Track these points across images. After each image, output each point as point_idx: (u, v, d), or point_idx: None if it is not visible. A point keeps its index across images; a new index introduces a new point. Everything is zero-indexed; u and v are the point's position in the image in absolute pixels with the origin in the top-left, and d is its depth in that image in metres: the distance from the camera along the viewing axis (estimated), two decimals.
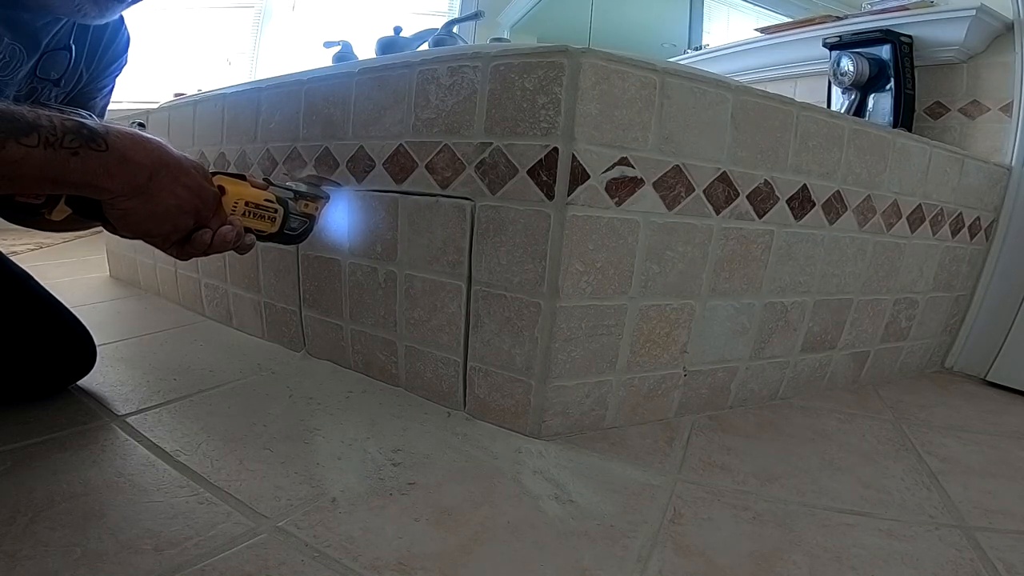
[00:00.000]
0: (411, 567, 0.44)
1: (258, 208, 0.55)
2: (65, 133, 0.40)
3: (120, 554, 0.42)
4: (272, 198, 0.56)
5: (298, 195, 0.59)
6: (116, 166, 0.43)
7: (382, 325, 0.79)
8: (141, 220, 0.46)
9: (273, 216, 0.56)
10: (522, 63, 0.61)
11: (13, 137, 0.38)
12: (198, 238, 0.50)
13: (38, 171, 0.39)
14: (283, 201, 0.57)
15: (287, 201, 0.57)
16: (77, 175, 0.41)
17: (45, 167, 0.39)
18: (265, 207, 0.55)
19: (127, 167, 0.43)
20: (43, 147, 0.39)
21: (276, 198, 0.56)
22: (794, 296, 0.82)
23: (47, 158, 0.39)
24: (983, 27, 1.12)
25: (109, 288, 1.32)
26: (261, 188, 0.55)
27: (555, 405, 0.67)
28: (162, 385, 0.75)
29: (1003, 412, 0.93)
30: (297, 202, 0.58)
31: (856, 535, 0.54)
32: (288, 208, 0.57)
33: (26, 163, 0.38)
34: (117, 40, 0.68)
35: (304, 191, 0.60)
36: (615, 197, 0.63)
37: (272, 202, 0.56)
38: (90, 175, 0.42)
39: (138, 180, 0.44)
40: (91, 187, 0.42)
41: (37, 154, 0.39)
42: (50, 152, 0.39)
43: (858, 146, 0.82)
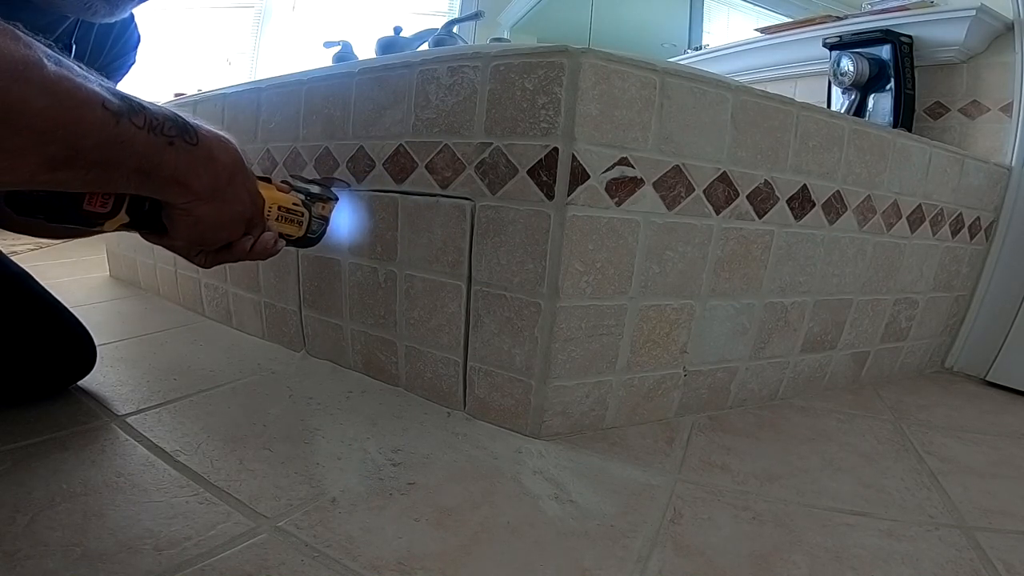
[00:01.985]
0: (411, 567, 0.44)
1: (289, 212, 0.54)
2: (165, 120, 0.36)
3: (120, 554, 0.42)
4: (299, 202, 0.55)
5: (314, 197, 0.58)
6: (203, 164, 0.39)
7: (382, 325, 0.79)
8: (208, 227, 0.43)
9: (300, 220, 0.55)
10: (522, 63, 0.61)
11: (128, 115, 0.34)
12: (239, 245, 0.47)
13: (138, 158, 0.35)
14: (307, 204, 0.56)
15: (309, 204, 0.57)
16: (169, 168, 0.37)
17: (145, 154, 0.36)
18: (294, 211, 0.54)
19: (213, 167, 0.40)
20: (147, 131, 0.35)
21: (302, 201, 0.56)
22: (794, 296, 0.82)
23: (148, 144, 0.35)
24: (983, 27, 1.12)
25: (109, 288, 1.32)
26: (286, 191, 0.54)
27: (555, 405, 0.67)
28: (162, 385, 0.75)
29: (1003, 412, 0.93)
30: (315, 205, 0.57)
31: (856, 535, 0.54)
32: (311, 211, 0.57)
33: (131, 146, 0.34)
34: (124, 39, 0.67)
35: (319, 193, 0.59)
36: (615, 197, 0.63)
37: (299, 206, 0.55)
38: (180, 170, 0.38)
39: (220, 182, 0.41)
40: (177, 185, 0.39)
41: (141, 138, 0.35)
42: (152, 137, 0.36)
43: (858, 146, 0.82)
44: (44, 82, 0.29)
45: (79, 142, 0.32)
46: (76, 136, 0.31)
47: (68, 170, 0.32)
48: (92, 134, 0.32)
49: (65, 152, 0.31)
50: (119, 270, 1.41)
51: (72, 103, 0.31)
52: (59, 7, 0.51)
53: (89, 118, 0.32)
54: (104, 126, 0.32)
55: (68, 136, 0.31)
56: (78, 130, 0.31)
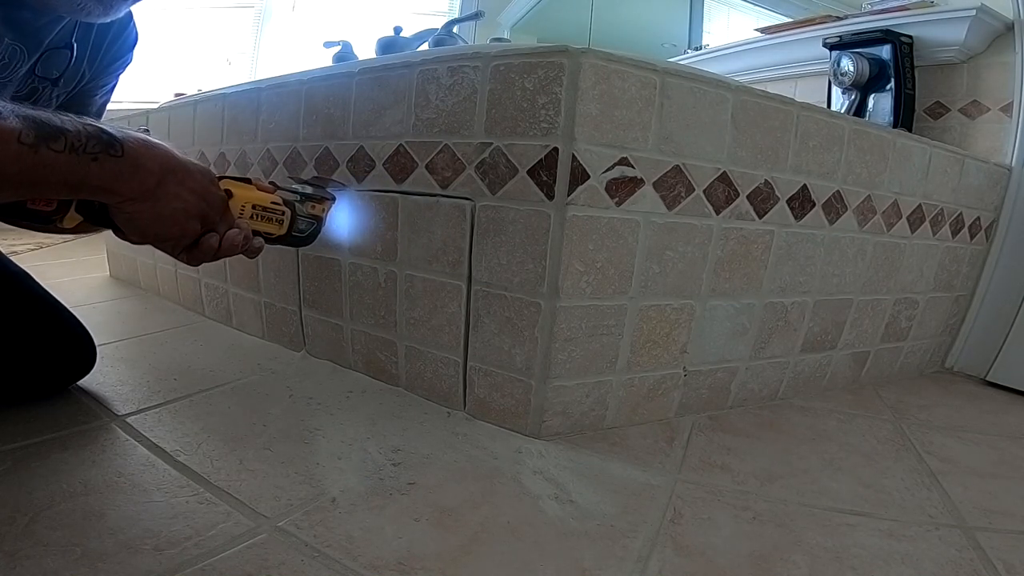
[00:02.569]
0: (411, 567, 0.44)
1: (265, 211, 0.55)
2: (88, 139, 0.40)
3: (120, 554, 0.42)
4: (279, 200, 0.56)
5: (304, 197, 0.59)
6: (129, 171, 0.43)
7: (382, 325, 0.79)
8: (148, 224, 0.47)
9: (280, 219, 0.57)
10: (522, 63, 0.61)
11: (45, 143, 0.38)
12: (205, 242, 0.50)
13: (61, 176, 0.40)
14: (290, 203, 0.57)
15: (294, 203, 0.58)
16: (95, 179, 0.41)
17: (68, 172, 0.40)
18: (272, 209, 0.56)
19: (138, 173, 0.44)
20: (68, 152, 0.39)
21: (283, 200, 0.57)
22: (794, 296, 0.82)
23: (71, 163, 0.40)
24: (983, 27, 1.12)
25: (109, 288, 1.32)
26: (268, 191, 0.56)
27: (555, 405, 0.67)
28: (162, 385, 0.75)
29: (1003, 412, 0.93)
30: (304, 204, 0.59)
31: (856, 535, 0.54)
32: (295, 210, 0.58)
33: (53, 168, 0.39)
34: (123, 38, 0.68)
35: (310, 193, 0.60)
36: (615, 197, 0.63)
37: (279, 204, 0.56)
38: (106, 180, 0.42)
39: (147, 185, 0.45)
40: (104, 191, 0.43)
41: (62, 160, 0.39)
42: (73, 157, 0.40)
43: (858, 146, 0.82)
44: None
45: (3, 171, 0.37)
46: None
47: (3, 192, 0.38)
48: (11, 164, 0.37)
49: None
50: (119, 270, 1.41)
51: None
52: (53, 7, 0.52)
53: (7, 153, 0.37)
54: (22, 157, 0.37)
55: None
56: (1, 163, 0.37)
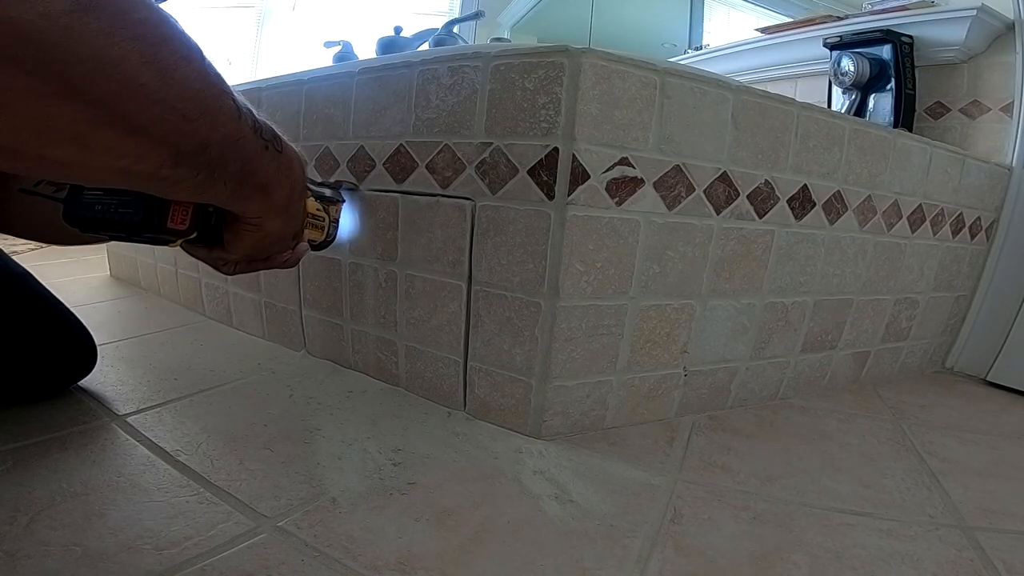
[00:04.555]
0: (411, 567, 0.44)
1: (314, 219, 0.54)
2: (263, 122, 0.34)
3: (120, 554, 0.42)
4: (320, 208, 0.55)
5: (327, 200, 0.58)
6: (285, 173, 0.37)
7: (382, 325, 0.79)
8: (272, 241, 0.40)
9: (322, 225, 0.55)
10: (522, 63, 0.61)
11: (246, 113, 0.32)
12: (279, 257, 0.46)
13: (242, 160, 0.33)
14: (326, 209, 0.56)
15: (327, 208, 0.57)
16: (260, 175, 0.35)
17: (247, 156, 0.33)
18: (318, 216, 0.54)
19: (290, 177, 0.38)
20: (254, 131, 0.33)
21: (323, 207, 0.55)
22: (794, 296, 0.82)
23: (252, 145, 0.33)
24: (984, 27, 1.12)
25: (110, 288, 1.32)
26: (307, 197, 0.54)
27: (555, 405, 0.67)
28: (162, 385, 0.76)
29: (1003, 412, 0.93)
30: (330, 208, 0.57)
31: (856, 535, 0.54)
32: (329, 215, 0.57)
33: (242, 145, 0.32)
34: None
35: (329, 196, 0.59)
36: (615, 197, 0.63)
37: (321, 212, 0.55)
38: (268, 178, 0.36)
39: (293, 194, 0.39)
40: (261, 194, 0.36)
41: (250, 138, 0.33)
42: (256, 139, 0.34)
43: (858, 146, 0.82)
44: (202, 65, 0.29)
45: (210, 135, 0.30)
46: (210, 128, 0.30)
47: (186, 167, 0.30)
48: (221, 127, 0.30)
49: (195, 144, 0.29)
50: (119, 270, 1.41)
51: (215, 92, 0.30)
52: None
53: (224, 109, 0.30)
54: (231, 120, 0.31)
55: (204, 127, 0.29)
56: (214, 121, 0.30)
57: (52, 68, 0.22)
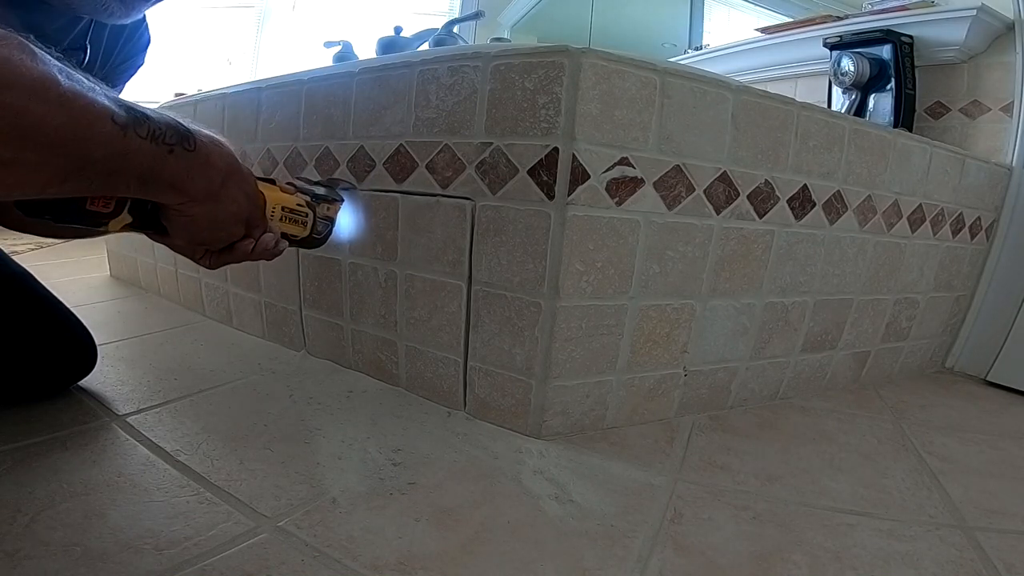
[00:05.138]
0: (411, 567, 0.44)
1: (292, 213, 0.54)
2: (167, 128, 0.37)
3: (121, 554, 0.42)
4: (303, 202, 0.56)
5: (319, 198, 0.59)
6: (199, 169, 0.40)
7: (382, 325, 0.79)
8: (203, 227, 0.44)
9: (304, 220, 0.56)
10: (522, 63, 0.61)
11: (133, 127, 0.35)
12: (241, 246, 0.48)
13: (140, 167, 0.36)
14: (311, 205, 0.57)
15: (314, 205, 0.57)
16: (168, 174, 0.38)
17: (146, 163, 0.36)
18: (298, 211, 0.55)
19: (207, 171, 0.41)
20: (150, 140, 0.36)
21: (306, 202, 0.56)
22: (794, 296, 0.82)
23: (151, 153, 0.36)
24: (984, 27, 1.12)
25: (110, 288, 1.32)
26: (290, 192, 0.55)
27: (555, 405, 0.67)
28: (162, 385, 0.76)
29: (1003, 412, 0.93)
30: (320, 205, 0.58)
31: (856, 535, 0.54)
32: (315, 212, 0.57)
33: (134, 156, 0.35)
34: (135, 40, 0.67)
35: (324, 194, 0.60)
36: (615, 197, 0.63)
37: (303, 206, 0.56)
38: (178, 176, 0.39)
39: (213, 185, 0.42)
40: (173, 189, 0.40)
41: (144, 148, 0.36)
42: (154, 147, 0.36)
43: (858, 146, 0.82)
44: (60, 99, 0.30)
45: (89, 155, 0.33)
46: (87, 150, 0.33)
47: (76, 181, 0.33)
48: (101, 147, 0.33)
49: (75, 164, 0.33)
50: (119, 270, 1.41)
51: (85, 119, 0.32)
52: (75, 8, 0.51)
53: (100, 132, 0.33)
54: (112, 139, 0.34)
55: (80, 150, 0.32)
56: (89, 144, 0.33)
57: None
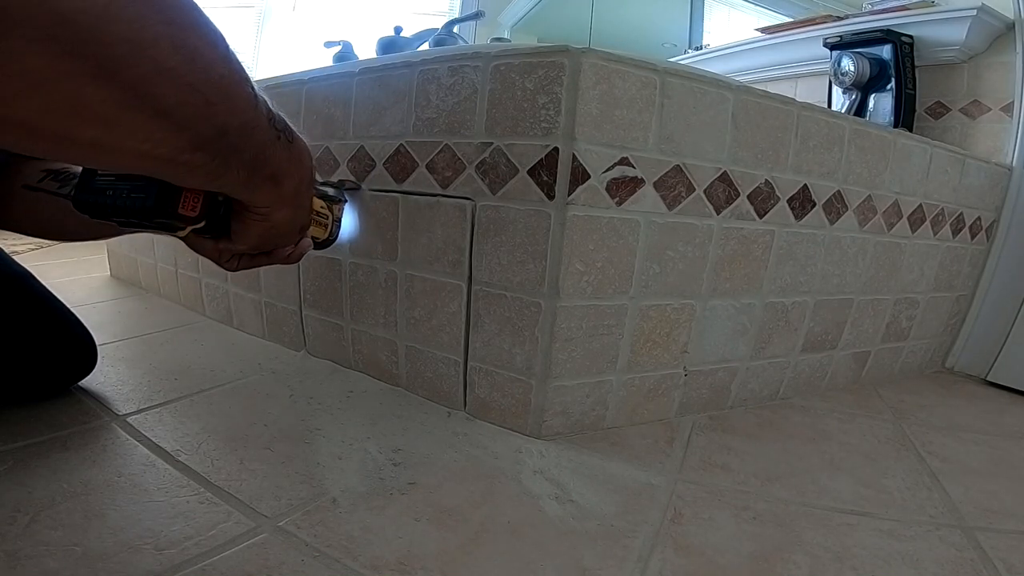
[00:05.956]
0: (411, 567, 0.44)
1: (318, 216, 0.54)
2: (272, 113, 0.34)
3: (121, 554, 0.42)
4: (324, 205, 0.55)
5: (331, 199, 0.59)
6: (295, 164, 0.37)
7: (382, 325, 0.79)
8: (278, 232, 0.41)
9: (326, 223, 0.56)
10: (523, 63, 0.61)
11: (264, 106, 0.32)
12: (282, 251, 0.46)
13: (255, 148, 0.33)
14: (329, 207, 0.57)
15: (330, 207, 0.57)
16: (272, 165, 0.35)
17: (261, 145, 0.33)
18: (322, 214, 0.55)
19: (300, 169, 0.38)
20: (267, 120, 0.33)
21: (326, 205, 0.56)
22: (795, 296, 0.82)
23: (266, 134, 0.33)
24: (984, 27, 1.12)
25: (110, 288, 1.32)
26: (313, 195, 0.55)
27: (555, 405, 0.67)
28: (163, 385, 0.76)
29: (1004, 412, 0.93)
30: (334, 207, 0.58)
31: (857, 535, 0.54)
32: (333, 214, 0.58)
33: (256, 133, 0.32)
34: None
35: (333, 195, 0.60)
36: (615, 197, 0.63)
37: (324, 209, 0.56)
38: (279, 168, 0.36)
39: (301, 186, 0.39)
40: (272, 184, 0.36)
41: (264, 126, 0.33)
42: (270, 128, 0.33)
43: (859, 146, 0.82)
44: (226, 51, 0.29)
45: (229, 121, 0.30)
46: (230, 113, 0.30)
47: (204, 152, 0.30)
48: (240, 114, 0.31)
49: (214, 130, 0.30)
50: (120, 270, 1.41)
51: (237, 78, 0.30)
52: None
53: (244, 97, 0.31)
54: (249, 108, 0.31)
55: (224, 113, 0.29)
56: (233, 107, 0.30)
57: (89, 49, 0.23)
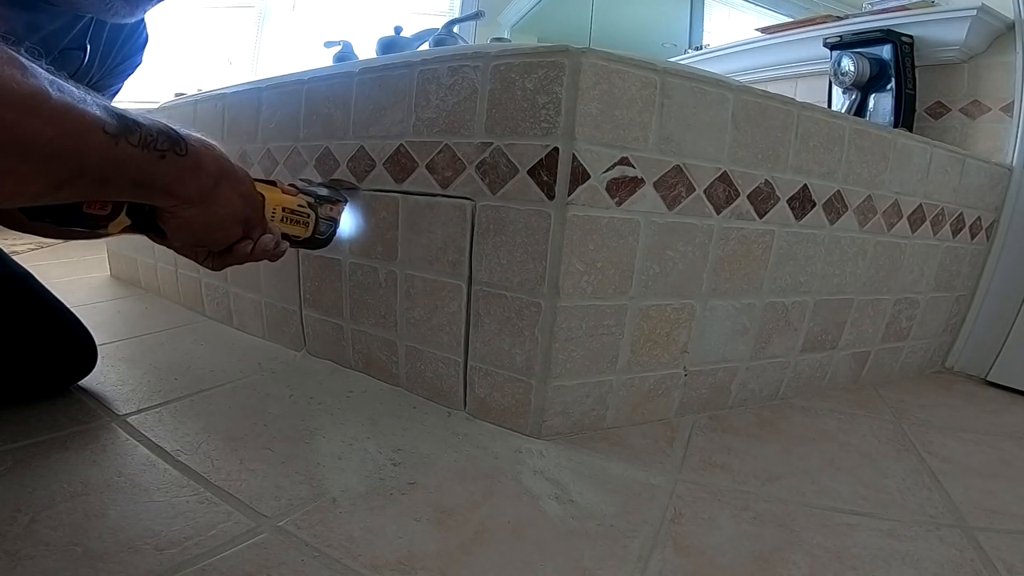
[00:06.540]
0: (411, 567, 0.44)
1: (293, 214, 0.55)
2: (158, 134, 0.38)
3: (121, 554, 0.42)
4: (304, 203, 0.56)
5: (321, 199, 0.59)
6: (190, 172, 0.41)
7: (382, 325, 0.79)
8: (198, 229, 0.45)
9: (306, 221, 0.57)
10: (523, 63, 0.61)
11: (124, 135, 0.35)
12: (240, 248, 0.49)
13: (132, 174, 0.37)
14: (312, 206, 0.57)
15: (316, 206, 0.58)
16: (160, 179, 0.39)
17: (139, 170, 0.37)
18: (299, 212, 0.56)
19: (199, 174, 0.42)
20: (141, 147, 0.37)
21: (307, 203, 0.57)
22: (795, 296, 0.82)
23: (142, 159, 0.37)
24: (984, 27, 1.12)
25: (110, 288, 1.32)
26: (292, 194, 0.56)
27: (555, 405, 0.67)
28: (163, 385, 0.76)
29: (1004, 412, 0.93)
30: (323, 206, 0.59)
31: (857, 535, 0.54)
32: (318, 212, 0.58)
33: (126, 164, 0.36)
34: (133, 40, 0.67)
35: (326, 195, 0.60)
36: (615, 197, 0.63)
37: (304, 207, 0.56)
38: (170, 181, 0.40)
39: (205, 188, 0.43)
40: (166, 193, 0.41)
41: (136, 155, 0.37)
42: (145, 153, 0.37)
43: (859, 146, 0.82)
44: (51, 113, 0.31)
45: (82, 165, 0.34)
46: (80, 160, 0.33)
47: (70, 189, 0.34)
48: (94, 157, 0.34)
49: (69, 174, 0.33)
50: (120, 270, 1.41)
51: (76, 130, 0.33)
52: (79, 7, 0.51)
53: (91, 143, 0.34)
54: (104, 148, 0.34)
55: (72, 161, 0.33)
56: (82, 155, 0.33)
57: None
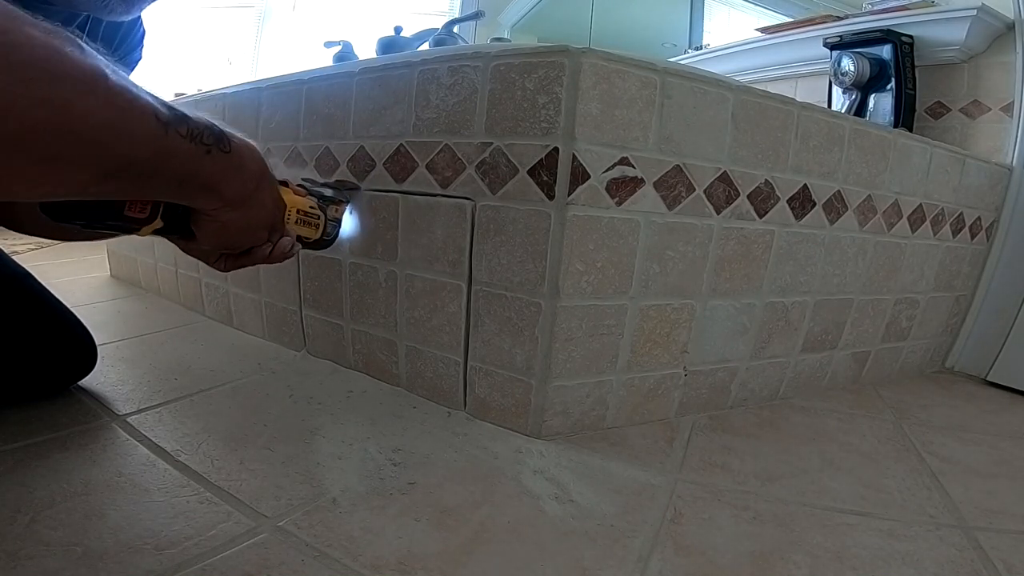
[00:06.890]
0: (411, 567, 0.44)
1: (306, 216, 0.55)
2: (204, 128, 0.37)
3: (121, 554, 0.42)
4: (315, 205, 0.56)
5: (328, 200, 0.59)
6: (234, 171, 0.40)
7: (382, 325, 0.79)
8: (234, 232, 0.43)
9: (317, 223, 0.56)
10: (523, 63, 0.61)
11: (174, 125, 0.34)
12: (260, 251, 0.48)
13: (179, 167, 0.35)
14: (322, 207, 0.57)
15: (324, 207, 0.58)
16: (204, 176, 0.38)
17: (186, 163, 0.36)
18: (311, 214, 0.55)
19: (242, 174, 0.40)
20: (189, 140, 0.35)
21: (317, 204, 0.56)
22: (795, 296, 0.82)
23: (189, 153, 0.35)
24: (984, 27, 1.12)
25: (110, 288, 1.32)
26: (302, 195, 0.55)
27: (555, 405, 0.67)
28: (163, 385, 0.76)
29: (1004, 412, 0.93)
30: (329, 207, 0.58)
31: (857, 535, 0.54)
32: (326, 214, 0.58)
33: (174, 156, 0.34)
34: (131, 36, 0.67)
35: (331, 196, 0.60)
36: (615, 197, 0.63)
37: (315, 209, 0.56)
38: (214, 178, 0.38)
39: (247, 189, 0.41)
40: (210, 192, 0.39)
41: (184, 147, 0.35)
42: (192, 147, 0.35)
43: (859, 146, 0.82)
44: (108, 94, 0.30)
45: (132, 153, 0.32)
46: (131, 147, 0.32)
47: (116, 181, 0.32)
48: (144, 145, 0.32)
49: (118, 163, 0.32)
50: (120, 270, 1.41)
51: (130, 115, 0.31)
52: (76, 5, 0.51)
53: (144, 130, 0.32)
54: (155, 138, 0.33)
55: (124, 148, 0.31)
56: (133, 141, 0.32)
57: None
